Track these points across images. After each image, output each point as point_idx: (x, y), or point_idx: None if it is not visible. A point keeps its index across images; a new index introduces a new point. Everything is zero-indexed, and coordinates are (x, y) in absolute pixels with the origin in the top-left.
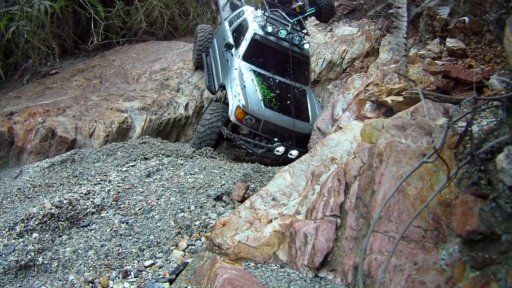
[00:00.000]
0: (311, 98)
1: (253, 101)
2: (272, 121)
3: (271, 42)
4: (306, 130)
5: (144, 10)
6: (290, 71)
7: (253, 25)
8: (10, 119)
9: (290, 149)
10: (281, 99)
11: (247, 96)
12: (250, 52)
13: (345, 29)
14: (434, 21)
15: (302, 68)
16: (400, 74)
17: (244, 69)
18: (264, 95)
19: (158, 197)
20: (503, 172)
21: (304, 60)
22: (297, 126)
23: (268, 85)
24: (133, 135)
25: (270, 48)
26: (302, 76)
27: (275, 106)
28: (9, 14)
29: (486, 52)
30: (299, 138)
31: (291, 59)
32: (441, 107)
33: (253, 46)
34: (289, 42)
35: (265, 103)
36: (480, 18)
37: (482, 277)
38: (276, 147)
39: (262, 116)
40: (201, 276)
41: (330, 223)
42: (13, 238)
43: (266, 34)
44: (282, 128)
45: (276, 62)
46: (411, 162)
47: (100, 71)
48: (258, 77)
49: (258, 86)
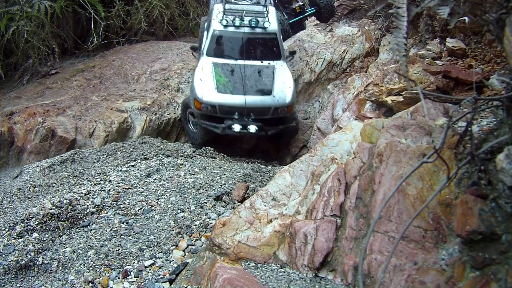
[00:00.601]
0: (280, 71)
1: (207, 90)
2: (226, 104)
3: (230, 32)
4: (266, 103)
5: (144, 10)
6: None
7: (213, 22)
8: (10, 119)
9: (248, 124)
10: (236, 81)
11: (202, 88)
12: (212, 47)
13: (345, 29)
14: (434, 21)
15: (268, 46)
16: (400, 74)
17: (205, 64)
18: (218, 82)
19: (158, 197)
20: (503, 172)
21: (270, 37)
22: (252, 102)
23: (224, 72)
24: (133, 135)
25: (230, 38)
26: (270, 53)
27: (229, 89)
28: (9, 14)
29: (486, 52)
30: (260, 111)
31: (255, 41)
32: (441, 107)
33: (214, 41)
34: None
35: (219, 89)
36: (480, 18)
37: (482, 277)
38: (231, 125)
39: (215, 102)
40: (201, 276)
41: (330, 223)
42: (13, 238)
43: (225, 27)
44: (236, 107)
45: (238, 48)
46: (411, 162)
47: (100, 71)
48: (216, 68)
49: (214, 77)
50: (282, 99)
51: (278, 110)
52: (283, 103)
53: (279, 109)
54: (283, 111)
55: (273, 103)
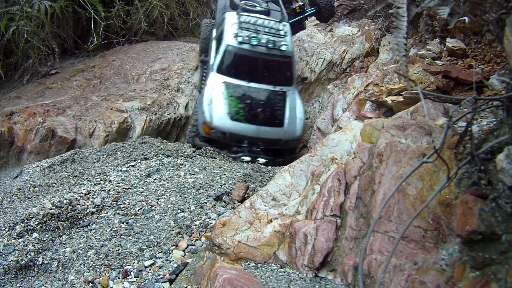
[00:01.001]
0: (292, 99)
1: (218, 115)
2: (237, 132)
3: (245, 50)
4: (277, 135)
5: (144, 10)
6: (267, 75)
7: (227, 35)
8: (10, 119)
9: (257, 155)
10: (250, 108)
11: (213, 111)
12: (224, 64)
13: (345, 29)
14: (434, 21)
15: (282, 70)
16: (400, 74)
17: (216, 83)
18: (231, 107)
19: (158, 197)
20: (503, 172)
21: (285, 61)
22: (263, 133)
23: (238, 96)
24: (133, 135)
25: (244, 56)
26: (283, 78)
27: (242, 117)
28: (9, 14)
29: (486, 52)
30: (270, 143)
31: (269, 63)
32: (441, 107)
33: (227, 57)
34: (264, 46)
35: (231, 116)
36: (480, 18)
37: (482, 277)
38: (241, 157)
39: (227, 128)
40: (201, 276)
41: (330, 223)
42: (13, 238)
43: (239, 44)
44: (248, 137)
45: (252, 69)
46: (411, 162)
47: (100, 71)
48: (229, 89)
49: (226, 100)
50: (293, 132)
51: (288, 143)
52: (293, 136)
53: (289, 142)
54: (292, 143)
55: (284, 136)
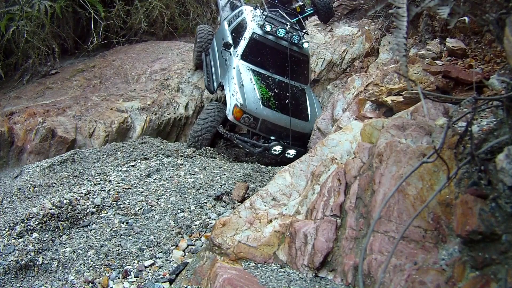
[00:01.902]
0: (310, 97)
1: (251, 99)
2: (270, 120)
3: (269, 41)
4: (305, 129)
5: (144, 10)
6: (289, 70)
7: (251, 24)
8: (10, 119)
9: (288, 148)
10: (279, 98)
11: (245, 94)
12: (249, 51)
13: (345, 29)
14: (434, 21)
15: (301, 67)
16: (400, 74)
17: (242, 68)
18: (262, 93)
19: (158, 197)
20: (503, 172)
21: (304, 59)
22: (295, 125)
23: (266, 84)
24: (133, 135)
25: (268, 47)
26: (301, 75)
27: (273, 105)
28: (9, 14)
29: (486, 52)
30: (298, 137)
31: (290, 58)
32: (441, 107)
33: (251, 45)
34: (287, 41)
35: (263, 102)
36: (480, 18)
37: (482, 277)
38: (273, 146)
39: (260, 115)
40: (201, 276)
41: (330, 223)
42: (13, 238)
43: (265, 33)
44: (280, 127)
45: (275, 61)
46: (411, 162)
47: (100, 71)
48: (256, 76)
49: (256, 85)
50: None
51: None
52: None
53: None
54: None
55: (309, 132)
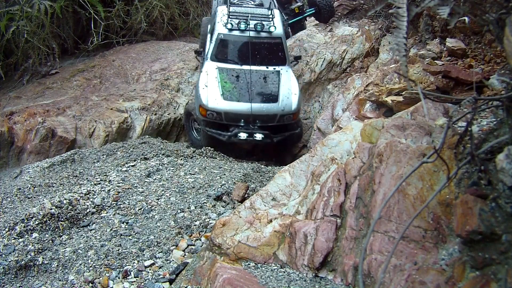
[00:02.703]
0: (286, 77)
1: (212, 97)
2: (232, 111)
3: (235, 36)
4: (271, 110)
5: (144, 10)
6: (258, 57)
7: (218, 26)
8: (10, 119)
9: (254, 132)
10: (242, 87)
11: (208, 94)
12: (217, 51)
13: (345, 29)
14: (434, 21)
15: (273, 50)
16: (400, 74)
17: (210, 69)
18: (224, 89)
19: (158, 197)
20: (503, 172)
21: (275, 42)
22: (258, 110)
23: (230, 78)
24: (133, 135)
25: (235, 42)
26: (275, 57)
27: (235, 96)
28: (9, 14)
29: (486, 52)
30: (266, 119)
31: (259, 46)
32: (441, 107)
33: (219, 45)
34: (253, 30)
35: (224, 96)
36: (480, 18)
37: (482, 277)
38: (237, 133)
39: (221, 109)
40: (201, 276)
41: (330, 223)
42: (13, 238)
43: (230, 31)
44: (242, 114)
45: (243, 53)
46: (411, 162)
47: (100, 71)
48: (221, 73)
49: (220, 83)
50: (288, 106)
51: (284, 118)
52: (289, 111)
53: (285, 117)
54: (288, 118)
55: (279, 111)
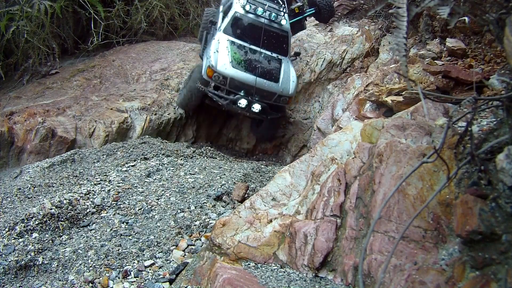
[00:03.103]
0: (286, 66)
1: (222, 62)
2: (237, 79)
3: (249, 18)
4: (272, 88)
5: (144, 10)
6: (266, 42)
7: (236, 6)
8: (10, 119)
9: (253, 103)
10: (250, 61)
11: (217, 58)
12: (231, 27)
13: (345, 29)
14: (434, 21)
15: (279, 41)
16: (400, 74)
17: (222, 39)
18: (234, 58)
19: (158, 197)
20: (503, 172)
21: (283, 34)
22: (261, 84)
23: (240, 51)
24: (133, 135)
25: (248, 23)
26: (279, 47)
27: (243, 66)
28: (9, 14)
29: (486, 52)
30: (266, 95)
31: (268, 33)
32: (441, 107)
33: (233, 22)
34: (267, 18)
35: (233, 64)
36: (480, 18)
37: (482, 277)
38: (238, 99)
39: (228, 74)
40: (201, 276)
41: (330, 223)
42: (13, 238)
43: (246, 12)
44: (247, 84)
45: (254, 35)
46: (411, 162)
47: (100, 71)
48: (232, 45)
49: (230, 52)
50: (286, 89)
51: (281, 99)
52: (286, 93)
53: (281, 97)
54: (284, 100)
55: (278, 90)
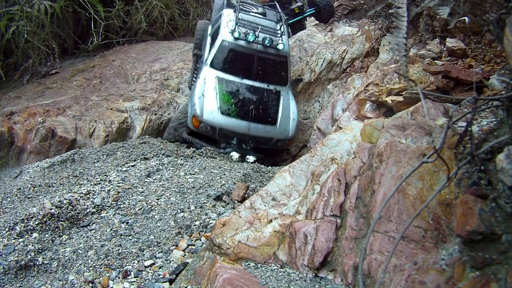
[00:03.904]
0: (286, 99)
1: (209, 109)
2: (228, 128)
3: (240, 47)
4: (270, 133)
5: (144, 10)
6: (261, 72)
7: (223, 31)
8: (10, 119)
9: (246, 154)
10: (242, 104)
11: (204, 105)
12: (218, 59)
13: (345, 29)
14: (434, 21)
15: (277, 68)
16: (400, 74)
17: (209, 77)
18: (223, 102)
19: (158, 197)
20: (503, 172)
21: (281, 60)
22: (256, 130)
23: (230, 92)
24: (133, 135)
25: (239, 53)
26: (277, 77)
27: (233, 112)
28: (9, 14)
29: (486, 52)
30: (262, 141)
31: (264, 61)
32: (441, 107)
33: (221, 53)
34: (261, 44)
35: (222, 111)
36: (480, 18)
37: (482, 277)
38: (230, 152)
39: (216, 123)
40: (201, 276)
41: (330, 223)
42: (13, 238)
43: (235, 40)
44: (239, 133)
45: (246, 66)
46: (411, 162)
47: (100, 71)
48: (221, 84)
49: (218, 94)
50: (286, 132)
51: (279, 142)
52: (285, 136)
53: (280, 142)
54: (283, 143)
55: (276, 135)
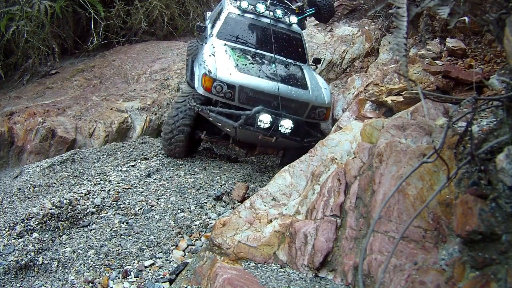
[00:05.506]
0: (310, 73)
1: (223, 66)
2: (251, 87)
3: (249, 19)
4: (303, 97)
5: (144, 10)
6: (277, 47)
7: (228, 7)
8: (10, 119)
9: (280, 118)
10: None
11: (216, 62)
12: (226, 30)
13: (345, 29)
14: (434, 21)
15: (293, 45)
16: (400, 74)
17: (217, 43)
18: (239, 61)
19: (158, 197)
20: (503, 172)
21: (295, 36)
22: (286, 92)
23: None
24: (133, 135)
25: (248, 25)
26: (295, 53)
27: (254, 70)
28: (9, 14)
29: (486, 52)
30: (295, 108)
31: (277, 35)
32: (441, 107)
33: (228, 24)
34: (273, 18)
35: (240, 68)
36: (480, 18)
37: (482, 277)
38: (258, 115)
39: (235, 81)
40: (201, 276)
41: (330, 223)
42: (13, 238)
43: (243, 12)
44: (266, 94)
45: (258, 39)
46: (411, 162)
47: (100, 71)
48: (233, 50)
49: (232, 56)
50: (321, 97)
51: (316, 111)
52: (322, 103)
53: (317, 110)
54: (321, 113)
55: (311, 100)
